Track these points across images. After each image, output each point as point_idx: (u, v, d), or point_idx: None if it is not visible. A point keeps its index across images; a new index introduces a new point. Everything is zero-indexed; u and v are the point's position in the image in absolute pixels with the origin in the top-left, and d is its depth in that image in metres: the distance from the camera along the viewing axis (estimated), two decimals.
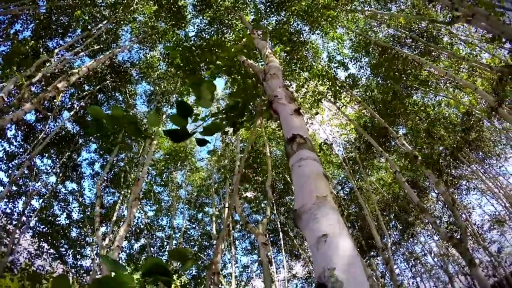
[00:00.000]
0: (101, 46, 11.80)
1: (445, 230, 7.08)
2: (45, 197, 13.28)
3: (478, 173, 16.35)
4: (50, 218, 13.39)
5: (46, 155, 13.31)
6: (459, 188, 18.06)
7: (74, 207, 14.30)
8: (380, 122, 8.88)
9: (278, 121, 2.70)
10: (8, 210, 12.15)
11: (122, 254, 15.02)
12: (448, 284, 19.94)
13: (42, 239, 13.16)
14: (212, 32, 10.67)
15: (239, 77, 3.76)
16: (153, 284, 1.41)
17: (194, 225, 17.28)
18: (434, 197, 17.77)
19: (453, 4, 5.79)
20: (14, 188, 12.23)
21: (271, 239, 16.50)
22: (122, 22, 12.23)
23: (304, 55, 10.95)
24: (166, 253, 14.19)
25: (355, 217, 16.46)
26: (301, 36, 10.94)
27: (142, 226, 15.18)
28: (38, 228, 13.10)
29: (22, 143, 12.51)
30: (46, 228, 13.15)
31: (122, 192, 13.52)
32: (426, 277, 21.72)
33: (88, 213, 13.69)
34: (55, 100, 12.06)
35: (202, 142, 2.71)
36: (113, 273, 1.31)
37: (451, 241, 6.68)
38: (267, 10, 11.23)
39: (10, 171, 12.33)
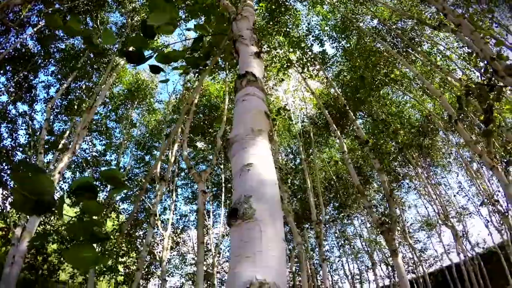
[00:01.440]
0: None
1: (378, 217, 7.47)
2: None
3: (422, 176, 17.30)
4: None
5: (2, 72, 12.51)
6: (401, 186, 19.11)
7: (22, 130, 13.66)
8: (341, 101, 9.06)
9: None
10: None
11: (65, 185, 14.67)
12: (370, 269, 21.41)
13: None
14: None
15: (214, 17, 3.65)
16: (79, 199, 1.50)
17: (139, 166, 17.14)
18: (375, 188, 18.72)
19: (444, 9, 5.89)
20: None
21: (214, 192, 16.67)
22: None
23: (285, 20, 10.80)
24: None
25: (298, 188, 16.99)
26: (288, 0, 10.76)
27: (89, 158, 14.83)
28: None
29: None
30: None
31: (74, 121, 13.04)
32: (352, 258, 23.20)
33: (36, 137, 13.14)
34: (20, 13, 11.23)
35: (156, 70, 2.64)
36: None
37: (381, 227, 7.04)
38: None
39: None
